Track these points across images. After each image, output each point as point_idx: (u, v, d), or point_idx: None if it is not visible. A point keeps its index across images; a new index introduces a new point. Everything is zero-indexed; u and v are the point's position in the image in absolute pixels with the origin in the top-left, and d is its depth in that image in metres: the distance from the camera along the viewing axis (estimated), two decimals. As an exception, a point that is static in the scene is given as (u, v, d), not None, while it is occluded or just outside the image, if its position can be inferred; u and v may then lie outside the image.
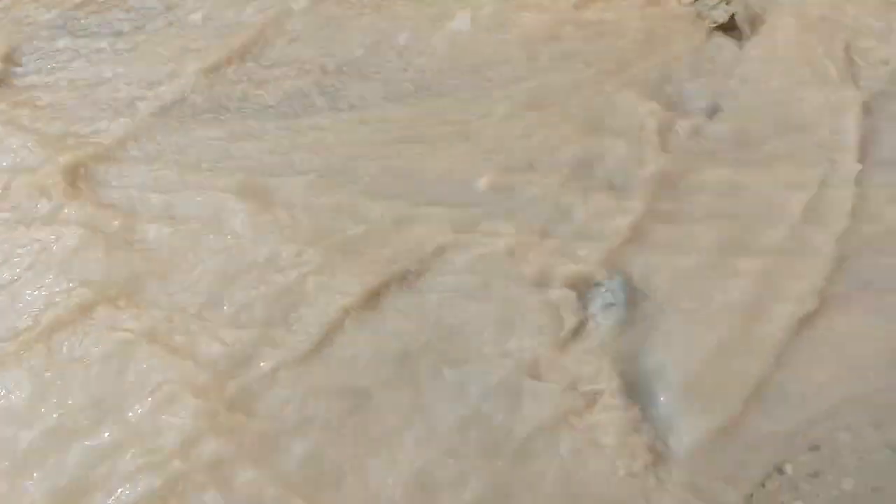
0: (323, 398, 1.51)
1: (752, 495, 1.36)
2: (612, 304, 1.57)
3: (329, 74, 2.16)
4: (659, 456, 1.40)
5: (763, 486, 1.37)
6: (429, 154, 1.92)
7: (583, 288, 1.60)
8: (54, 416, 1.51)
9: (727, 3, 2.18)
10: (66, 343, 1.62)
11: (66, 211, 1.84)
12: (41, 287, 1.71)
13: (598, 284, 1.60)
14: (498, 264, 1.66)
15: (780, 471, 1.38)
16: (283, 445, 1.46)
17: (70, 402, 1.53)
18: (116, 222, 1.81)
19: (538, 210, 1.76)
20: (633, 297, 1.57)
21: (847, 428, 1.38)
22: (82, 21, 2.44)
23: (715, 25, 2.15)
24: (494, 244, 1.69)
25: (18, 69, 2.29)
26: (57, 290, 1.71)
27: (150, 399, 1.52)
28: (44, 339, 1.62)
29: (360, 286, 1.63)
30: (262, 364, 1.55)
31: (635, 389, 1.46)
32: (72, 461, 1.46)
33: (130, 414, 1.50)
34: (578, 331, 1.54)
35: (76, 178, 1.91)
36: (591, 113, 1.95)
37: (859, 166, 1.74)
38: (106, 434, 1.48)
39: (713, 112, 1.93)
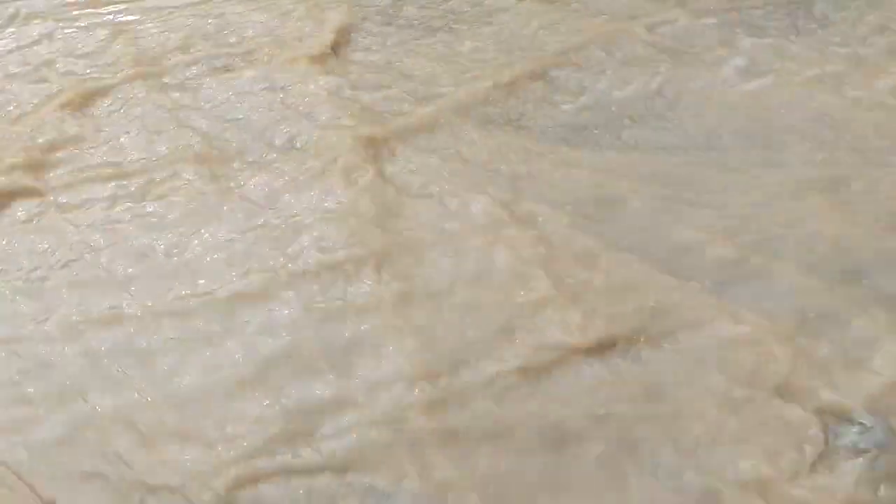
0: (520, 424, 1.44)
1: None
2: (863, 450, 1.34)
3: (615, 112, 2.15)
4: None
5: None
6: (688, 218, 1.81)
7: (832, 420, 1.39)
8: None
9: None
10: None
11: (353, 175, 1.98)
12: (315, 233, 1.83)
13: (852, 422, 1.37)
14: (736, 356, 1.49)
15: None
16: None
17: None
18: (392, 198, 1.92)
19: (797, 306, 1.57)
20: (891, 446, 1.34)
21: None
22: (404, 12, 2.67)
23: None
24: (737, 331, 1.53)
25: (348, 46, 2.52)
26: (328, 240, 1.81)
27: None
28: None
29: (582, 335, 1.55)
30: (480, 370, 1.53)
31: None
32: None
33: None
34: (816, 463, 1.34)
35: (372, 148, 2.06)
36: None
37: None
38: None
39: None
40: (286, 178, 2.00)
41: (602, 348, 1.54)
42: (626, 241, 1.77)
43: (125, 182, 2.05)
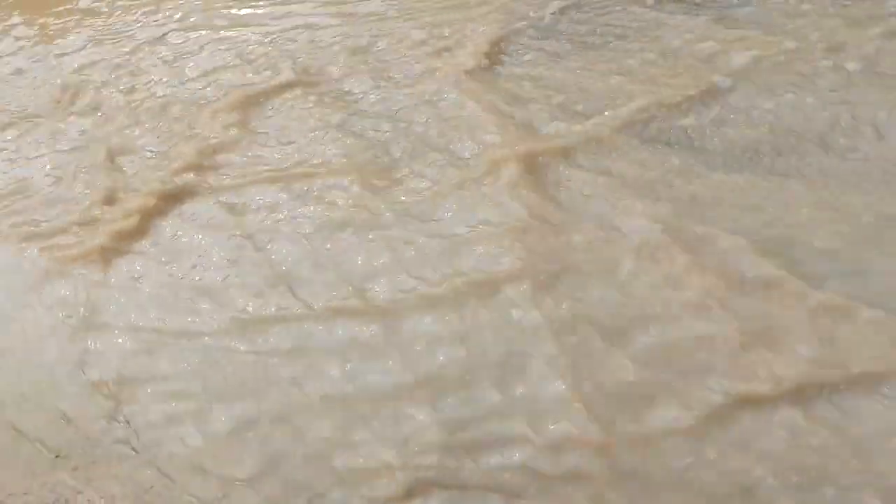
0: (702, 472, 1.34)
1: None
2: None
3: (791, 136, 2.02)
4: None
5: None
6: (884, 252, 1.65)
7: None
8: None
9: None
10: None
11: (513, 192, 1.94)
12: (473, 249, 1.81)
13: None
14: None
15: None
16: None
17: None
18: (554, 216, 1.86)
19: None
20: None
21: None
22: (560, 27, 2.63)
23: None
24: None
25: (504, 58, 2.50)
26: (489, 256, 1.79)
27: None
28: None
29: (774, 380, 1.42)
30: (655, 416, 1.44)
31: None
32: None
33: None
34: None
35: (532, 165, 2.01)
36: None
37: None
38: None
39: None
40: (444, 192, 1.98)
41: (797, 395, 1.40)
42: (811, 272, 1.61)
43: (287, 186, 2.10)
